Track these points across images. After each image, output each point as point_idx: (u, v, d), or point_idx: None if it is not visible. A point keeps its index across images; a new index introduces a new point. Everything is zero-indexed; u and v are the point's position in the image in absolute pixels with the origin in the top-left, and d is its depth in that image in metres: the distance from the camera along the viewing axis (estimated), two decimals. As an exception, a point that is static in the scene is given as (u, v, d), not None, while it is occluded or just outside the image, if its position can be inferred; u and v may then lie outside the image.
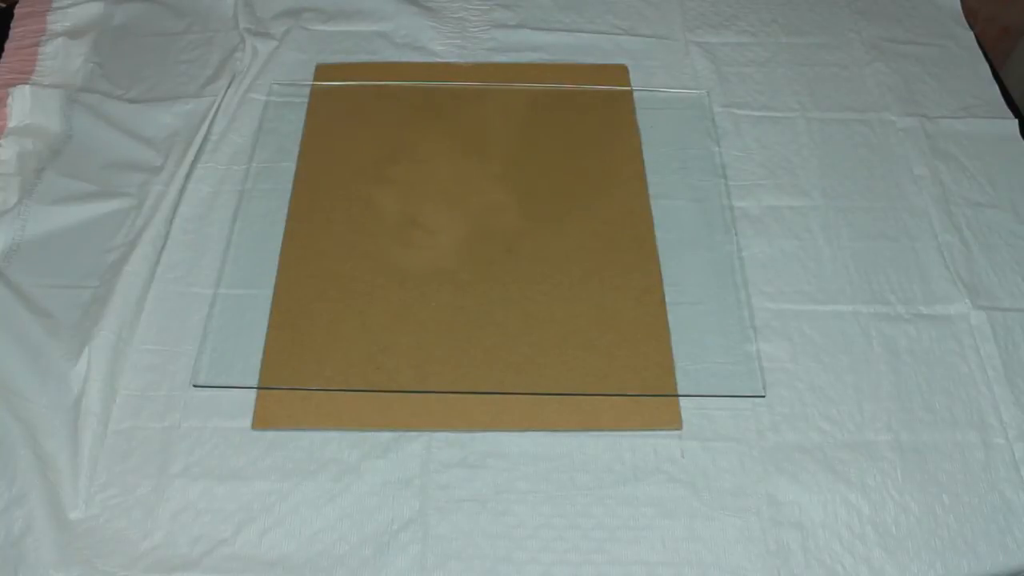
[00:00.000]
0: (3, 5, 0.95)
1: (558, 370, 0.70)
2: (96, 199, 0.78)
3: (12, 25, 0.91)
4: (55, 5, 0.92)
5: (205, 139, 0.83)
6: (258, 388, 0.68)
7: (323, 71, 0.91)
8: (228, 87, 0.88)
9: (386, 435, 0.66)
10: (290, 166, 0.82)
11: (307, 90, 0.89)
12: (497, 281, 0.75)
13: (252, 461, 0.65)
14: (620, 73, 0.93)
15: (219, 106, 0.86)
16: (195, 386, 0.68)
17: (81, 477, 0.63)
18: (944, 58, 0.97)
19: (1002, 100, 0.93)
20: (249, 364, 0.69)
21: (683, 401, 0.69)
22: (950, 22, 1.02)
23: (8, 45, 0.89)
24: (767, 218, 0.81)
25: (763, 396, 0.70)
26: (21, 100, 0.82)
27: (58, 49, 0.88)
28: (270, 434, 0.66)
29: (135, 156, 0.82)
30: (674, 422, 0.68)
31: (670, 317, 0.73)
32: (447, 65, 0.92)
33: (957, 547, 0.63)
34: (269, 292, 0.73)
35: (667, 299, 0.74)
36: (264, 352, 0.70)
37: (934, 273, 0.78)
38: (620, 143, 0.86)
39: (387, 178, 0.83)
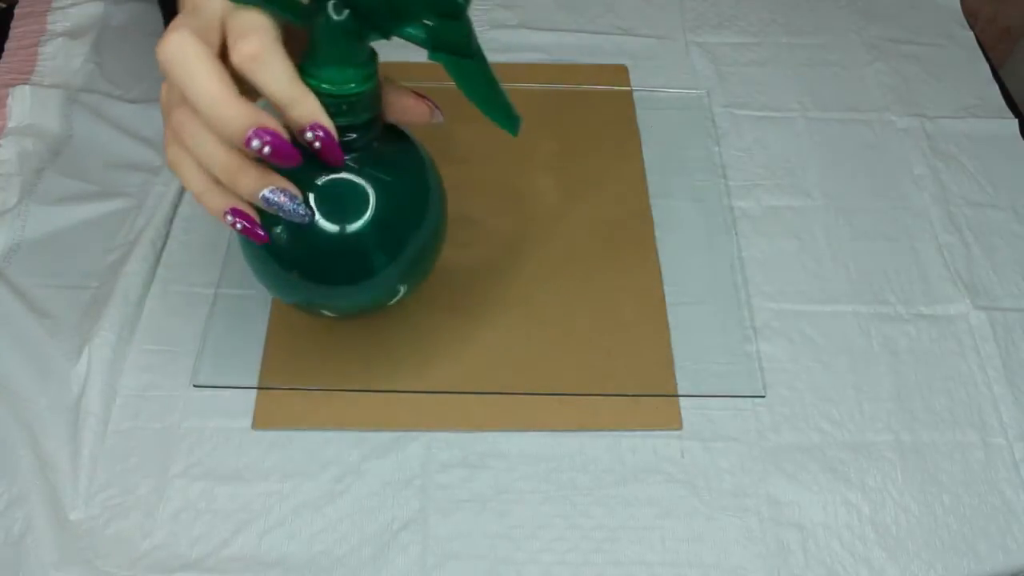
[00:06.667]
0: (3, 5, 0.95)
1: (558, 370, 0.70)
2: (96, 199, 0.78)
3: (12, 25, 0.91)
4: (55, 5, 0.92)
5: (205, 139, 0.83)
6: (258, 388, 0.68)
7: (323, 71, 0.90)
8: (228, 87, 0.87)
9: (387, 435, 0.66)
10: (290, 166, 0.82)
11: (307, 90, 0.89)
12: (497, 281, 0.75)
13: (253, 461, 0.65)
14: (620, 73, 0.92)
15: (219, 106, 0.86)
16: (195, 386, 0.68)
17: (81, 477, 0.63)
18: (944, 58, 0.97)
19: (1002, 100, 0.93)
20: (249, 364, 0.69)
21: (683, 401, 0.69)
22: (950, 22, 1.02)
23: (8, 45, 0.89)
24: (767, 218, 0.81)
25: (763, 396, 0.70)
26: (21, 100, 0.81)
27: (58, 49, 0.88)
28: (270, 434, 0.66)
29: (135, 156, 0.82)
30: (674, 422, 0.68)
31: (670, 317, 0.73)
32: (447, 65, 0.92)
33: (957, 547, 0.63)
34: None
35: (667, 299, 0.74)
36: (264, 352, 0.70)
37: (934, 273, 0.78)
38: (620, 143, 0.86)
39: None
